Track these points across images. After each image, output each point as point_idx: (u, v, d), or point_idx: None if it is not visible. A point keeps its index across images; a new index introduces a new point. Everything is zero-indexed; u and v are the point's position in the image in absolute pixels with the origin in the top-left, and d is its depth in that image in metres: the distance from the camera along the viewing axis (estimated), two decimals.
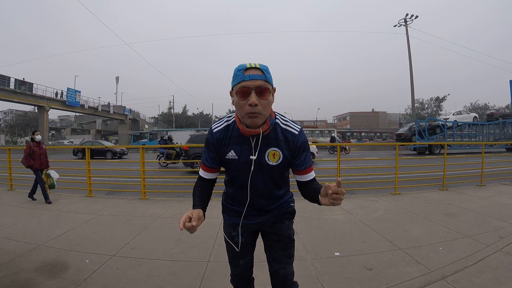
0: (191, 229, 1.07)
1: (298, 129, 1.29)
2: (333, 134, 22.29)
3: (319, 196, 1.11)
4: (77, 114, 51.27)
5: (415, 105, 32.87)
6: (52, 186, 5.29)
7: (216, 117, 62.12)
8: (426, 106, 45.09)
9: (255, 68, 1.15)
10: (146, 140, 31.68)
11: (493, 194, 5.34)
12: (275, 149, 1.26)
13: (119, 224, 3.80)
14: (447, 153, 6.43)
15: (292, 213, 1.44)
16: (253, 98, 1.12)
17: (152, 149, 24.68)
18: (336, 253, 2.80)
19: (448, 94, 45.67)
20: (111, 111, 43.38)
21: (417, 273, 2.37)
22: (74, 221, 3.87)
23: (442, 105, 43.79)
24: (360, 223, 3.71)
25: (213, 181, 1.38)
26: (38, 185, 5.20)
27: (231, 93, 1.22)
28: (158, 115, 59.41)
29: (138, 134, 34.54)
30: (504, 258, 2.60)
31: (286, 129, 1.28)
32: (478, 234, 3.22)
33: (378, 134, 39.38)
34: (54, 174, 5.37)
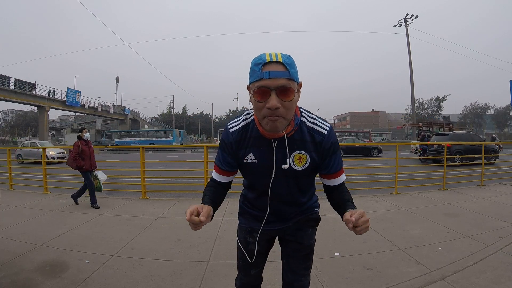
0: (197, 226, 0.93)
1: (328, 128, 1.10)
2: (493, 135, 23.45)
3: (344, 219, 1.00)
4: (77, 114, 51.32)
5: (415, 105, 32.87)
6: (98, 189, 4.85)
7: (216, 117, 62.22)
8: (426, 106, 45.13)
9: (277, 62, 0.94)
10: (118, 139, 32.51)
11: (493, 194, 5.34)
12: (302, 152, 1.09)
13: (119, 224, 3.80)
14: None
15: (317, 220, 1.31)
16: (273, 100, 0.93)
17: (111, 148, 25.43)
18: (336, 253, 2.80)
19: (448, 94, 45.89)
20: (111, 111, 43.40)
21: (417, 273, 2.37)
22: (74, 221, 3.87)
23: (442, 105, 43.82)
24: None
25: (228, 184, 1.23)
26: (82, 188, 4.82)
27: (248, 88, 1.03)
28: (158, 115, 59.48)
29: (110, 133, 35.41)
30: (504, 258, 2.60)
31: (313, 128, 1.10)
32: (478, 234, 3.22)
33: (353, 134, 38.81)
34: (102, 175, 4.94)
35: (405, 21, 29.13)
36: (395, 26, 29.92)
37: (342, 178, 1.16)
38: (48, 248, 2.95)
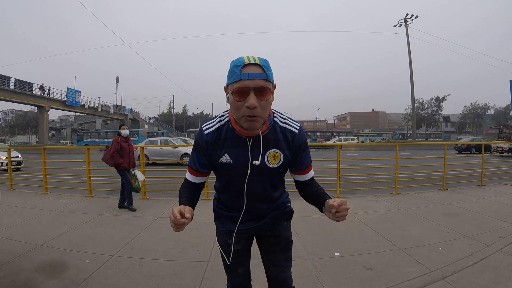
0: (180, 227, 0.98)
1: (298, 127, 1.19)
2: None
3: (324, 209, 1.09)
4: (77, 114, 51.33)
5: (415, 105, 32.84)
6: (136, 190, 4.59)
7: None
8: (426, 106, 45.03)
9: (255, 64, 1.02)
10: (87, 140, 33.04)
11: (493, 194, 5.34)
12: (276, 150, 1.16)
13: (119, 224, 3.80)
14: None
15: (290, 213, 1.36)
16: (252, 99, 1.00)
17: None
18: (336, 253, 2.80)
19: (448, 94, 45.47)
20: (111, 111, 43.37)
21: (417, 273, 2.37)
22: (74, 221, 3.87)
23: (442, 105, 43.74)
24: (360, 223, 3.70)
25: (202, 185, 1.29)
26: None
27: (225, 89, 1.09)
28: (158, 115, 59.48)
29: (82, 134, 36.39)
30: (504, 258, 2.60)
31: (285, 128, 1.18)
32: (478, 234, 3.22)
33: (335, 134, 39.01)
34: (140, 175, 4.69)
35: (405, 21, 29.12)
36: (395, 26, 29.91)
37: (311, 173, 1.27)
38: (48, 248, 2.95)
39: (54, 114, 61.91)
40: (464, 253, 2.73)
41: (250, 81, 1.00)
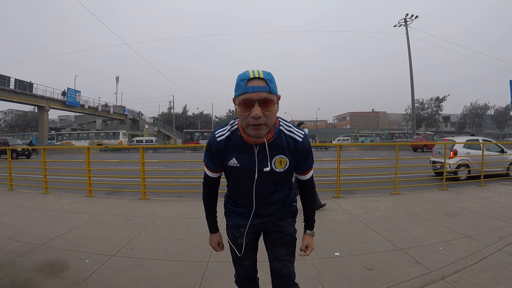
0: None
1: (302, 135, 1.30)
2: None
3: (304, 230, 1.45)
4: (77, 114, 51.32)
5: (415, 105, 32.84)
6: None
7: (216, 117, 62.25)
8: (426, 106, 45.01)
9: (259, 78, 1.13)
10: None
11: (493, 194, 5.34)
12: (282, 156, 1.27)
13: (119, 224, 3.79)
14: None
15: (295, 211, 1.48)
16: (256, 110, 1.10)
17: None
18: (336, 253, 2.80)
19: (448, 94, 45.34)
20: (111, 111, 43.38)
21: (417, 273, 2.37)
22: (74, 221, 3.87)
23: (442, 105, 43.73)
24: (360, 223, 3.70)
25: (219, 178, 1.43)
26: None
27: (234, 101, 1.19)
28: (158, 115, 59.50)
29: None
30: (504, 258, 2.60)
31: (290, 136, 1.29)
32: (478, 234, 3.22)
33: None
34: None
35: (405, 21, 29.14)
36: (395, 26, 29.93)
37: (310, 174, 1.40)
38: (48, 248, 2.95)
39: (54, 114, 61.97)
40: (464, 253, 2.73)
41: (254, 94, 1.10)
